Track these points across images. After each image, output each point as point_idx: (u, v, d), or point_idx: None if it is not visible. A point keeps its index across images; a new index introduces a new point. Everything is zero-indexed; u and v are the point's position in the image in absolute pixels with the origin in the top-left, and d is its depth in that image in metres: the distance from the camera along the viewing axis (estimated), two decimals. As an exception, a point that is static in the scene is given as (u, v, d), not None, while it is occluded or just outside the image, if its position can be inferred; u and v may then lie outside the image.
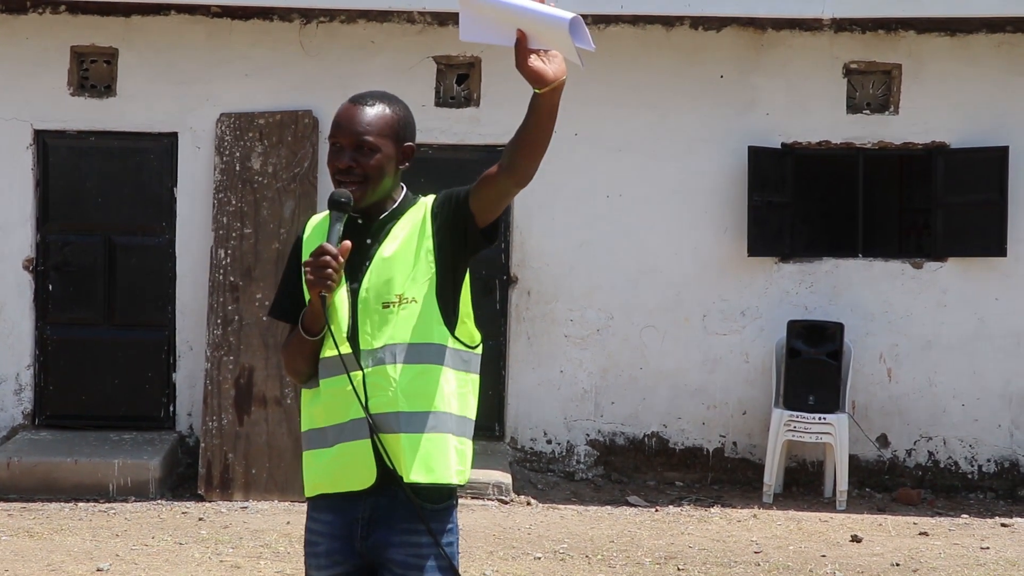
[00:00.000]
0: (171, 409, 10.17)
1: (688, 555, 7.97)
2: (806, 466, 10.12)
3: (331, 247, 3.30)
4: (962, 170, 10.08)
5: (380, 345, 3.38)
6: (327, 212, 3.48)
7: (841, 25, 10.05)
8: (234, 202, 9.84)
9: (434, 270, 3.42)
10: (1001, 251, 10.02)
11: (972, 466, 10.11)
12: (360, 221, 3.47)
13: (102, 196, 10.18)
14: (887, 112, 10.22)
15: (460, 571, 3.46)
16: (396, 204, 3.51)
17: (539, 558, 7.79)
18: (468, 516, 8.68)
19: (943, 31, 10.09)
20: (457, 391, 3.45)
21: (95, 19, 9.94)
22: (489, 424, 9.98)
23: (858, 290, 10.10)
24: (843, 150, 10.30)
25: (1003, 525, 9.10)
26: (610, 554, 7.96)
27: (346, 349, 3.38)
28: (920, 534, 8.70)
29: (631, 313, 10.15)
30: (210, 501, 9.21)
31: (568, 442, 10.13)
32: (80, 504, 8.99)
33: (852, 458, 9.78)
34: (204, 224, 9.97)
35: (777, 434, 9.57)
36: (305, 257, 3.47)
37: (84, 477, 9.21)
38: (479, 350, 3.54)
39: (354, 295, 3.43)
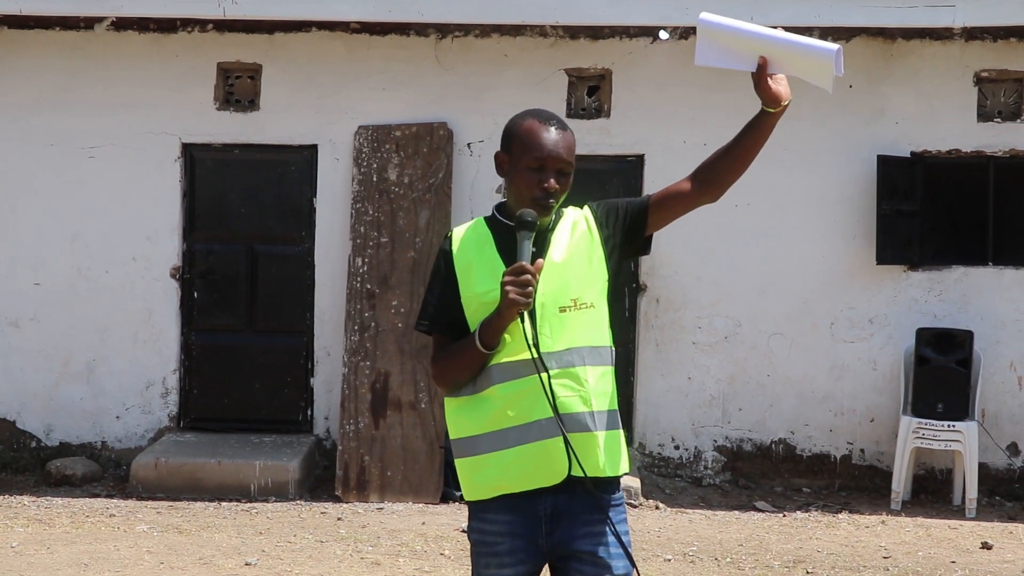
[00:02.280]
0: (309, 413, 10.48)
1: (817, 559, 8.07)
2: (934, 474, 10.13)
3: (529, 265, 3.45)
4: (1095, 178, 10.03)
5: (562, 348, 3.54)
6: (467, 225, 3.72)
7: (972, 34, 10.05)
8: (371, 212, 10.14)
9: (607, 276, 3.65)
10: None
11: (1104, 475, 10.06)
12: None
13: (245, 207, 10.54)
14: (1019, 120, 10.19)
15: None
16: (553, 215, 3.69)
17: (669, 559, 7.94)
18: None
19: (1075, 38, 10.06)
20: (615, 390, 3.66)
21: (240, 36, 10.31)
22: (618, 429, 10.12)
23: (988, 298, 10.09)
24: (973, 158, 10.28)
25: None
26: (739, 557, 8.08)
27: (535, 353, 3.48)
28: (1052, 542, 8.70)
29: (759, 321, 10.25)
30: (347, 502, 9.47)
31: (696, 448, 10.26)
32: (223, 503, 9.32)
33: (981, 466, 9.75)
34: (342, 233, 10.28)
35: (906, 441, 9.59)
36: (461, 269, 3.64)
37: (227, 477, 9.53)
38: None
39: None
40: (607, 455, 3.55)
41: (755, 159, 3.64)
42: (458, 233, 3.73)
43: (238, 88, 10.48)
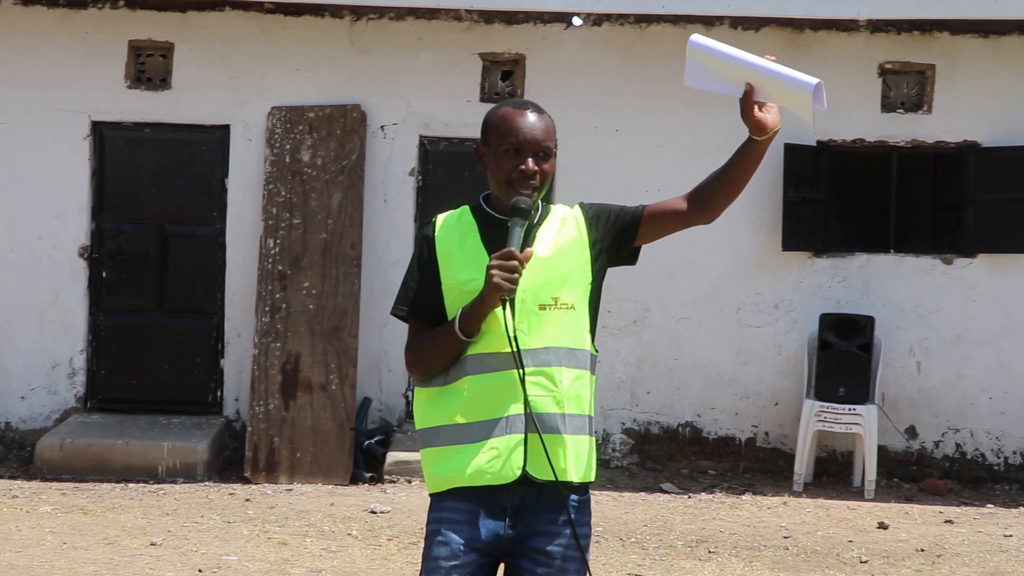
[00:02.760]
0: (219, 394, 10.45)
1: (719, 539, 8.22)
2: (836, 456, 10.33)
3: (517, 252, 3.39)
4: (993, 168, 10.26)
5: (539, 347, 3.47)
6: (451, 212, 3.65)
7: (877, 26, 10.24)
8: (283, 193, 10.13)
9: (590, 279, 3.59)
10: (1031, 248, 10.20)
11: (998, 458, 10.29)
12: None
13: (156, 186, 10.47)
14: (920, 111, 10.40)
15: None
16: (540, 210, 3.63)
17: (574, 539, 8.04)
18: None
19: (976, 33, 10.26)
20: (592, 396, 3.60)
21: (152, 14, 10.24)
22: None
23: (889, 285, 10.30)
24: (877, 148, 10.49)
25: (1028, 515, 9.31)
26: (643, 537, 8.22)
27: (514, 347, 3.42)
28: (945, 522, 8.92)
29: (667, 305, 10.38)
30: (256, 483, 9.49)
31: (604, 430, 10.37)
32: (130, 484, 9.28)
33: (881, 449, 9.99)
34: (254, 214, 10.26)
35: (808, 424, 9.78)
36: (443, 256, 3.58)
37: (134, 459, 9.49)
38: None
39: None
40: (576, 461, 3.51)
41: (748, 182, 3.56)
42: (441, 219, 3.67)
43: (149, 66, 10.41)
